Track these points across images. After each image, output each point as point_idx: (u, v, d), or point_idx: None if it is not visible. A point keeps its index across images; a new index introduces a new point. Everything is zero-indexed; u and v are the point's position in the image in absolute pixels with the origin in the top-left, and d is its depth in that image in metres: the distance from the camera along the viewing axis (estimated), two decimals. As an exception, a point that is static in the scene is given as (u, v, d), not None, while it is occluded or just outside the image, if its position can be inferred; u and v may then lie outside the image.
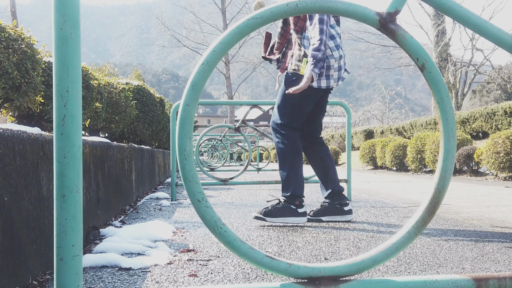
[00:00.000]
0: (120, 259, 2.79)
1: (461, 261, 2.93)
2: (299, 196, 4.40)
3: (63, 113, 1.28)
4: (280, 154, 4.48)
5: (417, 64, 1.35)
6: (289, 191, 4.40)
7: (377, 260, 1.36)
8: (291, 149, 4.45)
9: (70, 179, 1.28)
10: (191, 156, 1.32)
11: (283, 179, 4.45)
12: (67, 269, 1.27)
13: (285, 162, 4.44)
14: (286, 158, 4.44)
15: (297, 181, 4.42)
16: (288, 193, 4.39)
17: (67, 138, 1.28)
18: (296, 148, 4.47)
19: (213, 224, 1.32)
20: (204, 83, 1.32)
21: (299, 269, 1.34)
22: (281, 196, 4.45)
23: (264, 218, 4.34)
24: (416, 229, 1.37)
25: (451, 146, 1.35)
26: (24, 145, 2.45)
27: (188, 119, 1.32)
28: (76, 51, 1.29)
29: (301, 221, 4.40)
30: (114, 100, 6.81)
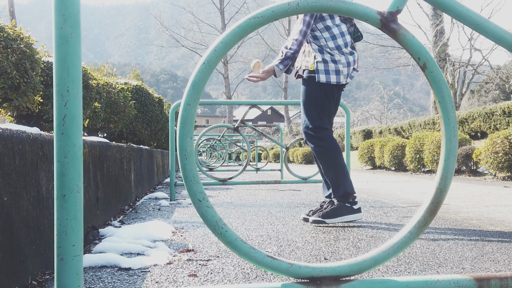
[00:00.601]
0: (120, 259, 2.79)
1: (461, 261, 2.93)
2: (351, 193, 4.41)
3: (64, 113, 1.27)
4: (321, 157, 4.46)
5: (418, 63, 1.35)
6: (341, 191, 4.39)
7: (379, 260, 1.35)
8: (331, 149, 4.44)
9: (70, 179, 1.27)
10: (192, 156, 1.32)
11: (332, 180, 4.42)
12: (67, 269, 1.27)
13: (330, 164, 4.43)
14: (329, 159, 4.43)
15: (346, 179, 4.42)
16: (341, 193, 4.39)
17: (67, 138, 1.27)
18: (336, 146, 4.46)
19: (214, 224, 1.32)
20: (205, 82, 1.32)
21: (300, 269, 1.34)
22: (334, 197, 4.43)
23: (324, 220, 4.33)
24: (417, 229, 1.37)
25: (452, 146, 1.35)
26: (24, 145, 2.44)
27: (189, 119, 1.31)
28: (76, 50, 1.29)
29: (358, 217, 4.42)
30: (113, 100, 6.80)
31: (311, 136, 4.47)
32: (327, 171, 4.46)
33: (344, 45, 4.39)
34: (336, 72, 4.36)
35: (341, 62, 4.36)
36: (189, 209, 5.60)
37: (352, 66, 4.46)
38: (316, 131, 4.44)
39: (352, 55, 4.44)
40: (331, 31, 4.37)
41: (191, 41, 54.00)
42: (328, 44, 4.36)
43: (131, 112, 7.42)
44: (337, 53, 4.36)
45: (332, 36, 4.37)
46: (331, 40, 4.37)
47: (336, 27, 4.38)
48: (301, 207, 5.84)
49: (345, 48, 4.39)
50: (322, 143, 4.43)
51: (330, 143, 4.45)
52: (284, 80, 52.24)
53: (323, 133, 4.45)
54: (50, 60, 4.76)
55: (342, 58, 4.37)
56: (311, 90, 4.46)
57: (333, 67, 4.35)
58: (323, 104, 4.47)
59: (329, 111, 4.52)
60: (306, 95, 4.48)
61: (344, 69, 4.39)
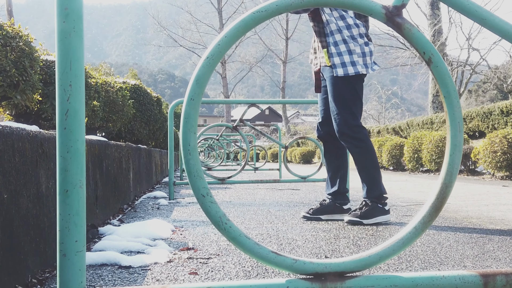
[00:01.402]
0: (120, 257, 2.78)
1: (462, 259, 2.92)
2: (384, 195, 4.42)
3: (66, 108, 1.26)
4: (359, 157, 4.43)
5: (423, 58, 1.34)
6: (376, 192, 4.39)
7: (384, 256, 1.34)
8: (369, 149, 4.42)
9: (73, 174, 1.26)
10: (195, 151, 1.31)
11: (367, 181, 4.42)
12: (70, 265, 1.26)
13: (367, 164, 4.42)
14: (367, 160, 4.42)
15: (380, 180, 4.43)
16: (376, 194, 4.39)
17: (70, 133, 1.26)
18: (372, 146, 4.45)
19: (218, 220, 1.31)
20: (209, 77, 1.31)
21: (304, 265, 1.33)
22: (367, 198, 4.41)
23: (361, 221, 4.32)
24: (423, 224, 1.35)
25: (458, 141, 1.34)
26: (24, 143, 2.43)
27: (193, 114, 1.30)
28: (79, 44, 1.28)
29: (389, 218, 4.43)
30: (112, 99, 6.78)
31: (348, 137, 4.42)
32: (362, 172, 4.45)
33: (359, 35, 4.34)
34: (352, 64, 4.32)
35: (355, 52, 4.31)
36: (188, 208, 5.59)
37: (369, 57, 4.40)
38: (354, 130, 4.40)
39: (367, 45, 4.38)
40: (346, 21, 4.32)
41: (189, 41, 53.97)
42: (344, 34, 4.31)
43: (130, 111, 7.40)
44: (353, 43, 4.31)
45: (347, 26, 4.32)
46: (345, 29, 4.32)
47: (350, 18, 4.33)
48: (300, 206, 5.83)
49: (360, 38, 4.34)
50: (361, 144, 4.41)
51: (368, 143, 4.43)
52: (282, 80, 52.23)
53: (362, 133, 4.43)
54: (49, 58, 4.75)
55: (357, 48, 4.32)
56: (338, 87, 4.41)
57: (348, 59, 4.31)
58: (355, 100, 4.43)
59: (361, 106, 4.50)
60: (335, 93, 4.42)
61: (359, 59, 4.34)
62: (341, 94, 4.39)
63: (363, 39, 4.36)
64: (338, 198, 4.69)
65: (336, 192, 4.69)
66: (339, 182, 4.69)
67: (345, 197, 4.72)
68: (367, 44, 4.39)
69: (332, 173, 4.73)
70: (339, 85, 4.39)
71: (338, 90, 4.40)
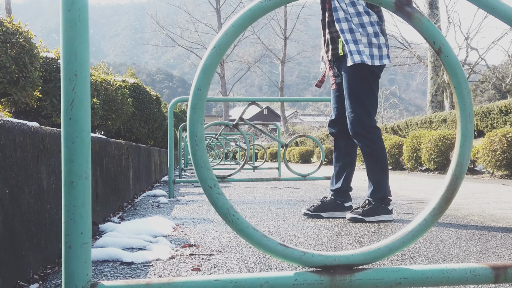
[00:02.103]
0: (122, 254, 2.76)
1: (466, 256, 2.91)
2: (388, 196, 4.41)
3: (71, 97, 1.24)
4: (369, 157, 4.41)
5: (433, 47, 1.32)
6: (381, 193, 4.38)
7: (394, 248, 1.32)
8: (380, 151, 4.40)
9: (78, 165, 1.24)
10: (202, 142, 1.29)
11: (374, 181, 4.40)
12: (76, 257, 1.24)
13: (375, 165, 4.41)
14: (377, 161, 4.40)
15: (387, 183, 4.42)
16: (380, 196, 4.37)
17: (75, 123, 1.24)
18: (383, 148, 4.43)
19: (225, 212, 1.29)
20: (216, 67, 1.29)
21: (313, 258, 1.31)
22: (371, 197, 4.40)
23: (364, 218, 4.32)
24: (433, 216, 1.34)
25: (468, 132, 1.32)
26: (25, 138, 2.41)
27: (200, 104, 1.28)
28: (84, 33, 1.26)
29: (391, 218, 4.40)
30: (111, 97, 6.75)
31: (361, 136, 4.39)
32: (370, 172, 4.43)
33: (370, 23, 4.25)
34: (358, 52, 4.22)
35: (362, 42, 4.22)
36: (188, 206, 5.57)
37: (377, 48, 4.29)
38: (368, 130, 4.37)
39: (377, 36, 4.27)
40: (356, 8, 4.24)
41: (187, 40, 53.99)
42: (353, 21, 4.23)
43: (129, 109, 7.37)
44: (359, 32, 4.22)
45: (358, 13, 4.25)
46: (356, 16, 4.24)
47: (361, 6, 4.25)
48: (300, 204, 5.81)
49: (370, 27, 4.24)
50: (373, 145, 4.38)
51: (379, 144, 4.40)
52: (280, 80, 52.22)
53: (375, 133, 4.39)
54: (49, 55, 4.73)
55: (363, 38, 4.24)
56: (353, 84, 4.36)
57: (362, 47, 4.22)
58: (370, 98, 4.39)
59: (376, 104, 4.46)
60: (350, 90, 4.37)
61: (375, 50, 4.26)
62: (356, 91, 4.35)
63: (373, 27, 4.26)
64: (340, 196, 4.66)
65: (339, 189, 4.67)
66: (343, 180, 4.65)
67: (347, 196, 4.70)
68: (377, 35, 4.28)
69: (339, 170, 4.70)
70: (355, 82, 4.34)
71: (353, 88, 4.35)
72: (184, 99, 6.89)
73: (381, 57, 4.29)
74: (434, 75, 26.99)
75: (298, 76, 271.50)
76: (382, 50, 4.29)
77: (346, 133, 4.60)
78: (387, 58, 4.33)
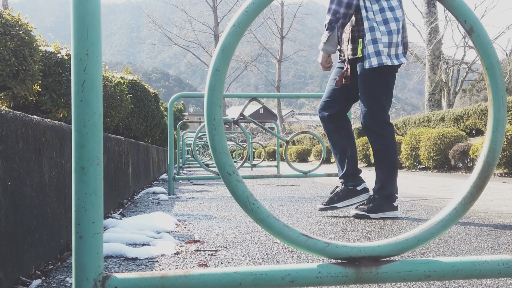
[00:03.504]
0: (126, 249, 2.68)
1: (477, 251, 2.84)
2: (395, 195, 4.34)
3: (83, 78, 1.17)
4: (379, 154, 4.32)
5: (464, 27, 1.25)
6: (388, 191, 4.30)
7: (422, 239, 1.25)
8: (391, 148, 4.31)
9: (90, 150, 1.17)
10: (221, 126, 1.21)
11: (383, 178, 4.31)
12: (87, 247, 1.16)
13: (386, 162, 4.32)
14: (387, 158, 4.31)
15: (395, 181, 4.33)
16: (386, 193, 4.29)
17: (87, 105, 1.17)
18: (395, 145, 4.34)
19: (245, 200, 1.22)
20: (235, 46, 1.21)
21: (337, 249, 1.24)
22: (377, 193, 4.32)
23: (369, 215, 4.25)
24: (463, 205, 1.27)
25: (501, 116, 1.25)
26: (27, 129, 2.33)
27: (218, 86, 1.21)
28: (96, 10, 1.18)
29: (397, 214, 4.33)
30: (109, 94, 6.67)
31: (373, 131, 4.30)
32: (379, 168, 4.34)
33: (394, 19, 4.14)
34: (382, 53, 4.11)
35: (382, 41, 4.10)
36: (189, 203, 5.50)
37: (401, 46, 4.21)
38: (380, 126, 4.28)
39: (398, 33, 4.15)
40: (381, 3, 4.14)
41: (184, 39, 53.95)
42: (376, 19, 4.12)
43: (128, 106, 7.29)
44: (385, 30, 4.10)
45: (381, 9, 4.14)
46: (379, 13, 4.13)
47: (385, 1, 4.15)
48: (302, 201, 5.74)
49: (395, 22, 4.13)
50: (384, 141, 4.29)
51: (391, 141, 4.31)
52: (277, 79, 52.20)
53: (387, 129, 4.29)
54: (48, 49, 4.66)
55: (384, 37, 4.11)
56: (369, 79, 4.26)
57: (381, 47, 4.10)
58: (386, 93, 4.30)
59: (391, 98, 4.37)
60: (364, 86, 4.27)
61: (393, 49, 4.15)
62: (372, 89, 4.25)
63: (397, 23, 4.14)
64: (349, 180, 4.48)
65: (346, 174, 4.48)
66: (348, 163, 4.48)
67: (357, 178, 4.50)
68: (399, 32, 4.16)
69: (340, 156, 4.52)
70: (372, 80, 4.24)
71: (370, 85, 4.26)
72: (184, 95, 6.82)
73: (398, 56, 4.20)
74: (431, 74, 26.97)
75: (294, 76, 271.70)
76: (400, 48, 4.20)
77: (336, 117, 4.49)
78: (403, 57, 4.24)
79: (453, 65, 31.23)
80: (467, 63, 32.20)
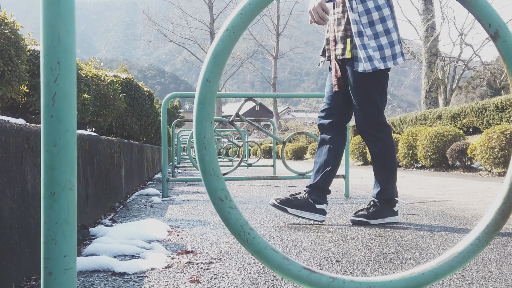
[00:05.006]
0: (113, 263, 2.52)
1: (485, 264, 2.70)
2: (396, 198, 4.19)
3: (53, 90, 1.01)
4: (377, 157, 4.16)
5: (488, 31, 1.10)
6: (388, 195, 4.14)
7: (441, 272, 1.11)
8: (389, 150, 4.15)
9: (62, 173, 1.01)
10: (212, 145, 1.06)
11: (382, 182, 4.15)
12: (57, 285, 1.01)
13: (383, 165, 4.16)
14: (385, 161, 4.15)
15: (395, 184, 4.19)
16: (387, 197, 4.14)
17: (58, 121, 1.01)
18: (393, 147, 4.17)
19: (239, 229, 1.07)
20: (229, 53, 1.06)
21: (344, 285, 1.09)
22: (377, 198, 4.16)
23: (368, 221, 4.09)
24: (487, 234, 1.12)
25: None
26: (7, 136, 2.18)
27: (209, 98, 1.06)
28: (69, 12, 1.03)
29: (397, 220, 4.18)
30: (102, 93, 6.53)
31: (369, 135, 4.14)
32: (378, 171, 4.19)
33: (380, 20, 3.96)
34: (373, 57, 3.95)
35: (370, 46, 3.94)
36: (183, 206, 5.34)
37: (397, 45, 4.03)
38: (377, 129, 4.11)
39: (389, 33, 3.99)
40: (366, 4, 3.95)
41: (179, 36, 53.77)
42: (362, 21, 3.94)
43: (121, 105, 7.14)
44: (371, 33, 3.94)
45: (367, 10, 3.96)
46: (365, 15, 3.95)
47: (371, 1, 3.96)
48: (299, 204, 5.58)
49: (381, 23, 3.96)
50: (381, 144, 4.12)
51: (388, 143, 4.14)
52: (273, 76, 52.06)
53: (384, 132, 4.13)
54: (37, 48, 4.49)
55: (383, 38, 3.96)
56: (362, 82, 4.06)
57: (371, 52, 3.94)
58: (381, 94, 4.12)
59: (386, 99, 4.19)
60: (357, 88, 4.07)
61: (387, 51, 3.98)
62: (366, 91, 4.06)
63: (384, 24, 3.98)
64: (314, 193, 4.16)
65: (315, 185, 4.19)
66: (323, 176, 4.19)
67: (322, 195, 4.19)
68: (389, 32, 3.99)
69: (320, 166, 4.23)
70: (364, 83, 4.05)
71: (363, 88, 4.07)
72: (177, 94, 6.66)
73: (394, 56, 4.02)
74: (428, 72, 26.83)
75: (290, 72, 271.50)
76: (395, 48, 4.02)
77: (336, 127, 4.26)
78: (401, 56, 4.05)
79: (450, 62, 31.12)
80: (464, 60, 32.09)
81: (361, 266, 2.61)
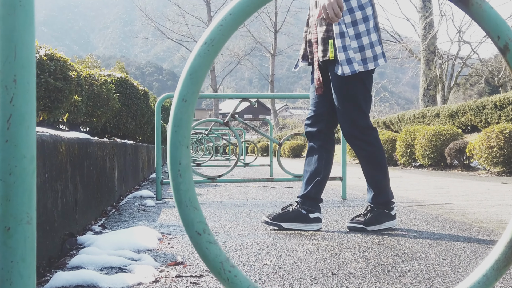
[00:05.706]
0: (98, 277, 2.41)
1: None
2: (391, 200, 4.08)
3: (9, 112, 0.90)
4: (366, 161, 4.03)
5: (497, 44, 0.99)
6: (383, 197, 4.03)
7: (444, 313, 0.99)
8: (379, 153, 4.02)
9: (18, 205, 0.90)
10: (188, 172, 0.95)
11: (375, 186, 4.04)
12: (13, 333, 0.89)
13: (375, 169, 4.03)
14: (375, 164, 4.02)
15: (388, 185, 4.08)
16: (382, 201, 4.03)
17: (14, 147, 0.90)
18: (381, 149, 4.05)
19: (219, 266, 0.95)
20: (207, 69, 0.94)
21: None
22: (372, 203, 4.05)
23: (366, 228, 3.97)
24: (496, 271, 1.01)
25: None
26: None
27: (185, 120, 0.94)
28: (28, 23, 0.91)
29: (395, 224, 4.08)
30: (96, 93, 6.42)
31: (356, 139, 4.00)
32: (369, 176, 4.07)
33: (363, 20, 3.84)
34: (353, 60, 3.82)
35: (351, 47, 3.82)
36: (176, 210, 5.22)
37: (377, 46, 3.91)
38: (364, 132, 3.99)
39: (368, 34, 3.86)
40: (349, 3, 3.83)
41: (177, 33, 53.69)
42: (345, 20, 3.81)
43: (115, 105, 7.03)
44: (353, 34, 3.81)
45: (350, 9, 3.83)
46: (347, 14, 3.82)
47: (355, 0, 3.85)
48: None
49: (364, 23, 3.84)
50: (369, 147, 4.00)
51: (377, 146, 4.02)
52: (271, 73, 51.98)
53: (371, 135, 4.01)
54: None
55: (353, 43, 3.84)
56: (345, 84, 3.92)
57: (352, 54, 3.81)
58: (365, 97, 3.98)
59: (371, 101, 4.07)
60: (340, 92, 3.94)
61: (368, 52, 3.86)
62: (349, 94, 3.93)
63: (366, 24, 3.86)
64: (307, 203, 4.07)
65: (306, 195, 4.09)
66: (314, 186, 4.09)
67: (315, 205, 4.09)
68: (370, 32, 3.87)
69: (310, 175, 4.13)
70: (347, 85, 3.92)
71: (345, 91, 3.94)
72: (172, 95, 6.54)
73: (376, 57, 3.91)
74: (426, 69, 26.75)
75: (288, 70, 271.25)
76: (376, 49, 3.91)
77: (325, 134, 4.15)
78: (382, 57, 3.95)
79: (448, 60, 31.03)
80: (462, 57, 32.00)
81: (358, 280, 2.50)
